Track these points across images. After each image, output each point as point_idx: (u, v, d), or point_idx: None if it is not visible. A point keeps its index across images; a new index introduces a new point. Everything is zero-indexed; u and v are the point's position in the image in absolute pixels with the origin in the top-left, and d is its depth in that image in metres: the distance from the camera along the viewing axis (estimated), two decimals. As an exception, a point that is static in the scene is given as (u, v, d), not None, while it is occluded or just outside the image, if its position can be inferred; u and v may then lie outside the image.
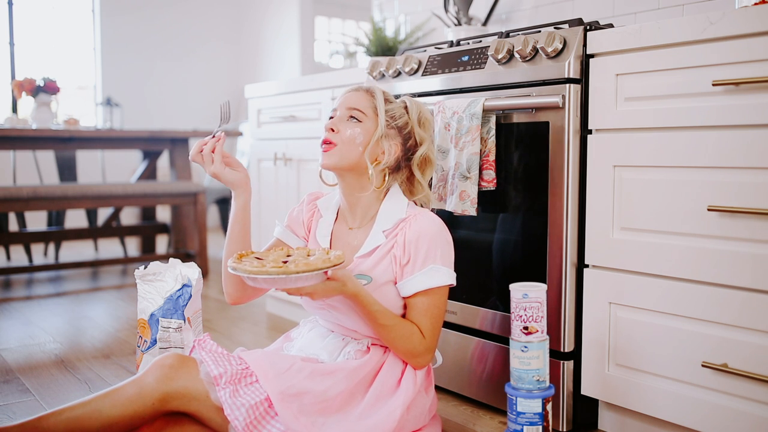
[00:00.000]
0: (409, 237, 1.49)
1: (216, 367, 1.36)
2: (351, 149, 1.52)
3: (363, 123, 1.53)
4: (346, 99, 1.57)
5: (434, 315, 1.50)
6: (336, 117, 1.56)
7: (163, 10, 6.18)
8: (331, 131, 1.53)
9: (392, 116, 1.56)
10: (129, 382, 1.37)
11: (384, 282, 1.50)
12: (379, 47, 3.00)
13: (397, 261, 1.50)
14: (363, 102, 1.55)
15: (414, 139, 1.59)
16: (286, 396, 1.35)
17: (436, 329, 1.51)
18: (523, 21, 2.61)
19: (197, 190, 3.99)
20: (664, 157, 1.49)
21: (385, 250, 1.51)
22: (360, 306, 1.44)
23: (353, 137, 1.52)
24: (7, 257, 4.41)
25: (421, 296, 1.49)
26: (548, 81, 1.66)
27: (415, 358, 1.49)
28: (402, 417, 1.44)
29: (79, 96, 6.02)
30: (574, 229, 1.66)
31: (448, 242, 1.53)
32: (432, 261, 1.48)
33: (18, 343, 2.56)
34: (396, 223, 1.53)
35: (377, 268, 1.50)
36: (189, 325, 1.81)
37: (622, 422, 1.68)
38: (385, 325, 1.46)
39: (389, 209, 1.55)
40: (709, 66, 1.41)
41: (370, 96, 1.56)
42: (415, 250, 1.48)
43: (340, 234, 1.61)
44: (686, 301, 1.47)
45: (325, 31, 6.73)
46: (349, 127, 1.53)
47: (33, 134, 3.71)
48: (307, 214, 1.67)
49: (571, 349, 1.68)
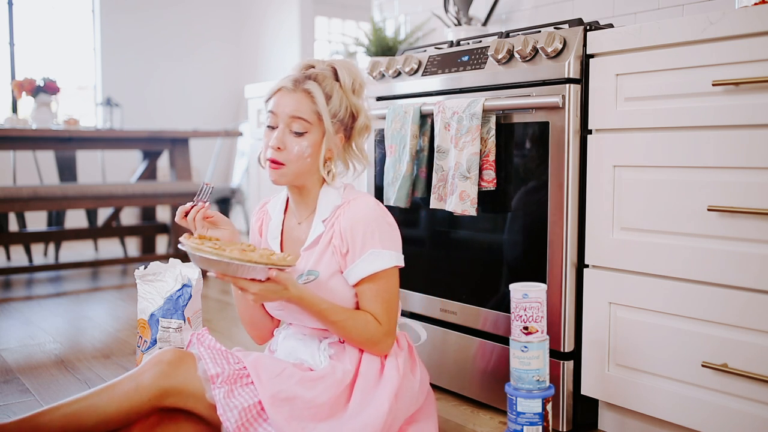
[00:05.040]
0: (344, 225, 1.46)
1: (214, 365, 1.36)
2: (301, 165, 1.47)
3: (309, 134, 1.46)
4: (283, 103, 1.46)
5: (385, 299, 1.47)
6: (279, 130, 1.46)
7: (164, 11, 6.17)
8: (278, 150, 1.46)
9: (335, 114, 1.48)
10: (126, 378, 1.37)
11: (331, 274, 1.48)
12: (379, 47, 3.00)
13: (338, 251, 1.47)
14: (304, 108, 1.45)
15: (351, 112, 1.52)
16: (276, 400, 1.35)
17: (391, 312, 1.48)
18: (523, 21, 2.61)
19: (197, 190, 3.99)
20: (664, 157, 1.49)
21: (326, 240, 1.48)
22: (306, 308, 1.43)
23: (301, 153, 1.45)
24: (7, 257, 4.40)
25: (366, 283, 1.46)
26: (548, 81, 1.66)
27: (376, 346, 1.47)
28: (391, 408, 1.42)
29: (79, 96, 6.02)
30: (574, 229, 1.66)
31: (387, 224, 1.49)
32: (370, 246, 1.45)
33: (18, 343, 2.56)
34: (333, 211, 1.49)
35: (322, 261, 1.48)
36: (189, 326, 1.81)
37: (622, 422, 1.68)
38: (337, 321, 1.44)
39: (326, 197, 1.51)
40: (709, 66, 1.41)
41: (309, 99, 1.45)
42: (352, 238, 1.45)
43: (290, 230, 1.58)
44: (686, 301, 1.47)
45: (325, 31, 6.73)
46: (296, 143, 1.45)
47: (33, 134, 3.71)
48: (257, 223, 1.65)
49: (571, 349, 1.68)
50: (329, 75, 1.50)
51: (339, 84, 1.50)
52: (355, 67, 1.54)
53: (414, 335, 1.70)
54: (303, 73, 1.50)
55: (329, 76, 1.50)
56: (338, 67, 1.51)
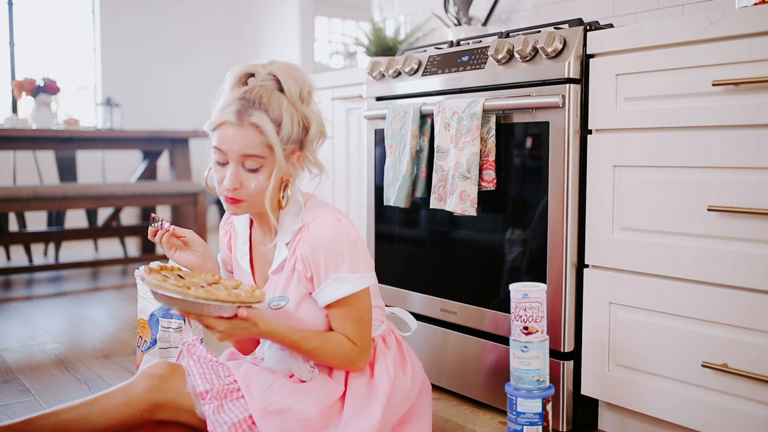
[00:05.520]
0: (304, 252, 1.41)
1: (203, 382, 1.34)
2: (259, 197, 1.38)
3: (264, 167, 1.36)
4: (230, 140, 1.34)
5: (356, 320, 1.43)
6: (231, 168, 1.35)
7: (164, 11, 6.18)
8: (235, 190, 1.36)
9: (288, 137, 1.37)
10: (117, 390, 1.34)
11: (300, 299, 1.45)
12: (379, 47, 3.00)
13: (302, 276, 1.43)
14: (252, 143, 1.33)
15: (303, 125, 1.40)
16: (267, 413, 1.34)
17: (364, 331, 1.45)
18: (523, 21, 2.61)
19: (197, 190, 3.99)
20: (664, 157, 1.49)
21: (291, 266, 1.44)
22: (278, 341, 1.41)
23: (259, 187, 1.37)
24: (7, 257, 4.41)
25: (335, 308, 1.42)
26: (548, 81, 1.66)
27: (353, 365, 1.45)
28: (384, 414, 1.42)
29: (79, 96, 6.02)
30: (574, 229, 1.66)
31: (350, 243, 1.41)
32: (334, 271, 1.39)
33: (18, 343, 2.56)
34: (294, 235, 1.44)
35: (290, 287, 1.45)
36: (189, 325, 1.81)
37: (622, 422, 1.68)
38: (311, 350, 1.42)
39: (287, 219, 1.45)
40: (709, 66, 1.41)
41: (257, 132, 1.33)
42: (315, 263, 1.40)
43: (258, 248, 1.53)
44: (686, 301, 1.47)
45: (325, 31, 6.74)
46: (252, 179, 1.36)
47: (33, 134, 3.71)
48: (225, 237, 1.61)
49: (571, 349, 1.68)
50: (272, 87, 1.38)
51: (285, 96, 1.37)
52: (299, 71, 1.41)
53: (403, 326, 1.68)
54: (244, 95, 1.36)
55: (272, 89, 1.37)
56: (280, 75, 1.38)
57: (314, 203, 1.48)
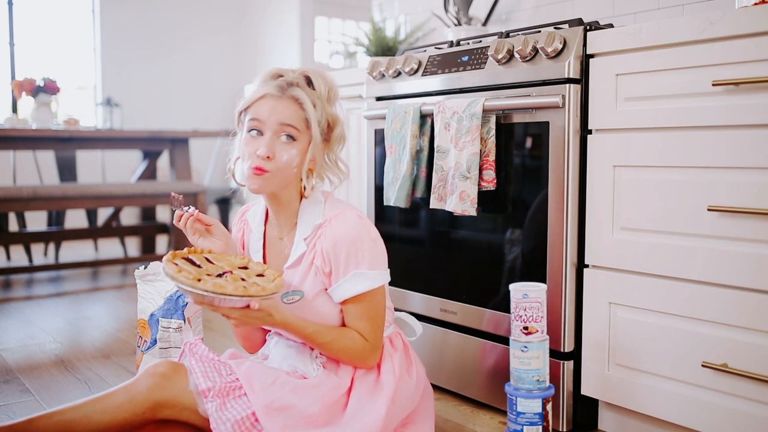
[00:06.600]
0: (326, 246, 1.43)
1: (205, 380, 1.35)
2: (287, 174, 1.42)
3: (297, 141, 1.42)
4: (270, 110, 1.40)
5: (371, 317, 1.46)
6: (267, 138, 1.40)
7: (164, 11, 6.17)
8: (267, 159, 1.39)
9: (318, 122, 1.44)
10: (120, 389, 1.35)
11: (316, 293, 1.46)
12: (379, 47, 3.00)
13: (321, 271, 1.44)
14: (294, 116, 1.41)
15: (328, 121, 1.47)
16: (270, 410, 1.34)
17: (377, 329, 1.47)
18: (523, 21, 2.61)
19: (197, 190, 3.99)
20: (664, 157, 1.49)
21: (309, 261, 1.46)
22: (292, 332, 1.42)
23: (290, 161, 1.41)
24: (7, 257, 4.41)
25: (351, 303, 1.44)
26: (548, 81, 1.66)
27: (364, 362, 1.47)
28: (388, 413, 1.42)
29: (79, 96, 6.02)
30: (574, 229, 1.66)
31: (371, 240, 1.44)
32: (354, 267, 1.42)
33: (18, 343, 2.56)
34: (314, 230, 1.46)
35: (306, 281, 1.46)
36: (189, 325, 1.81)
37: (622, 422, 1.68)
38: (324, 343, 1.44)
39: (307, 214, 1.48)
40: (709, 66, 1.41)
41: (297, 105, 1.41)
42: (335, 259, 1.42)
43: (272, 243, 1.55)
44: (686, 301, 1.47)
45: (325, 31, 6.73)
46: (285, 151, 1.40)
47: (33, 134, 3.71)
48: (239, 233, 1.62)
49: (571, 349, 1.68)
50: (303, 84, 1.45)
51: (315, 93, 1.45)
52: (327, 75, 1.49)
53: (409, 330, 1.69)
54: (279, 81, 1.43)
55: (304, 85, 1.44)
56: (312, 75, 1.46)
57: (334, 200, 1.52)
